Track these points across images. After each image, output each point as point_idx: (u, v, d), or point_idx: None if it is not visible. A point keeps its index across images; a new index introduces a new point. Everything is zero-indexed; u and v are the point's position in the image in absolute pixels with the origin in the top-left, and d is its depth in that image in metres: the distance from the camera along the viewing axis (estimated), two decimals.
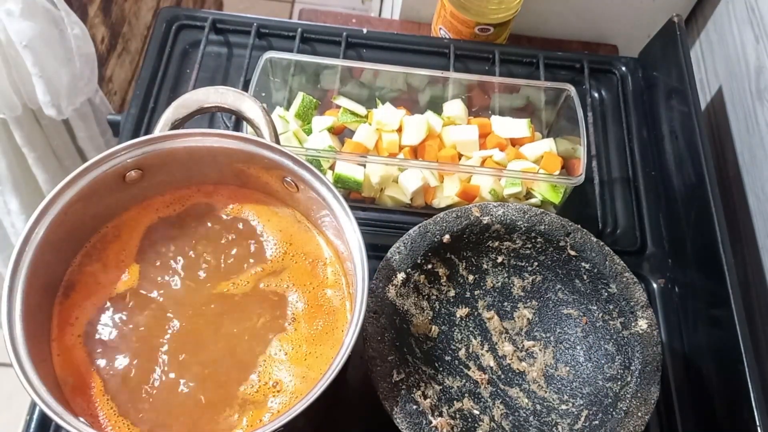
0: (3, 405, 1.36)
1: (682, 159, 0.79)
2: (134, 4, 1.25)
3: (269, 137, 0.58)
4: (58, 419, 0.45)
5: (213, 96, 0.59)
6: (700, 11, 0.97)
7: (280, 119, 0.79)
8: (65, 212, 0.52)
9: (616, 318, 0.63)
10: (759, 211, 0.77)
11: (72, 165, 1.09)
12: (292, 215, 0.61)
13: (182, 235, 0.59)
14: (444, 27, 0.91)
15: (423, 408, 0.56)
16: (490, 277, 0.68)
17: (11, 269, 0.49)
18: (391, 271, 0.62)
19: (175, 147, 0.56)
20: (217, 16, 0.88)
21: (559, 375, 0.65)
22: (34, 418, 0.63)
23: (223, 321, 0.56)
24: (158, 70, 0.84)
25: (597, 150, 0.84)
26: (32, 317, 0.50)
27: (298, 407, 0.46)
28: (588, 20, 1.00)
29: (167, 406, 0.52)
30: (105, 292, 0.56)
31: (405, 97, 0.82)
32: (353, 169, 0.74)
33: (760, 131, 0.78)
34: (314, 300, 0.57)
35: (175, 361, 0.53)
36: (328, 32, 0.89)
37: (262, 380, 0.53)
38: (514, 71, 0.89)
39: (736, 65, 0.85)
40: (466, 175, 0.76)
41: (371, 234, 0.75)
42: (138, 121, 0.80)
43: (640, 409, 0.58)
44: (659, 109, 0.86)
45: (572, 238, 0.65)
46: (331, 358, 0.53)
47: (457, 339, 0.66)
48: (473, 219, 0.66)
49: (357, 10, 1.72)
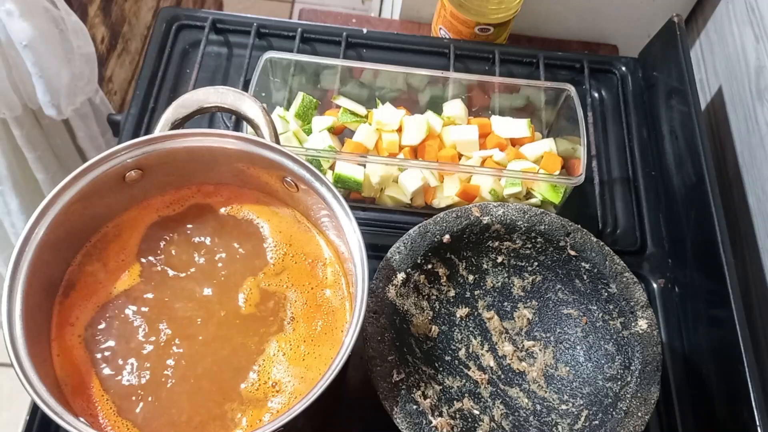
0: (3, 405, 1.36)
1: (682, 159, 0.79)
2: (134, 4, 1.25)
3: (269, 137, 0.58)
4: (58, 419, 0.45)
5: (213, 96, 0.59)
6: (700, 11, 0.97)
7: (280, 119, 0.79)
8: (65, 212, 0.52)
9: (616, 318, 0.63)
10: (759, 211, 0.77)
11: (72, 165, 1.09)
12: (292, 215, 0.61)
13: (182, 235, 0.59)
14: (444, 27, 0.91)
15: (423, 408, 0.56)
16: (490, 277, 0.68)
17: (11, 269, 0.49)
18: (391, 271, 0.62)
19: (175, 147, 0.56)
20: (217, 16, 0.88)
21: (559, 375, 0.65)
22: (35, 418, 0.64)
23: (223, 321, 0.56)
24: (158, 70, 0.84)
25: (597, 150, 0.84)
26: (32, 317, 0.50)
27: (298, 407, 0.46)
28: (588, 20, 1.00)
29: (167, 405, 0.52)
30: (105, 292, 0.56)
31: (405, 97, 0.82)
32: (353, 169, 0.74)
33: (760, 131, 0.78)
34: (313, 300, 0.57)
35: (175, 361, 0.53)
36: (328, 32, 0.89)
37: (261, 379, 0.53)
38: (514, 71, 0.89)
39: (736, 65, 0.85)
40: (466, 175, 0.76)
41: (371, 234, 0.75)
42: (138, 121, 0.80)
43: (640, 409, 0.58)
44: (659, 109, 0.86)
45: (572, 238, 0.65)
46: (330, 359, 0.53)
47: (457, 339, 0.66)
48: (473, 219, 0.66)
49: (357, 10, 1.72)
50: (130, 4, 1.23)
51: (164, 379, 0.53)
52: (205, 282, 0.57)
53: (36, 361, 0.47)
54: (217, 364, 0.54)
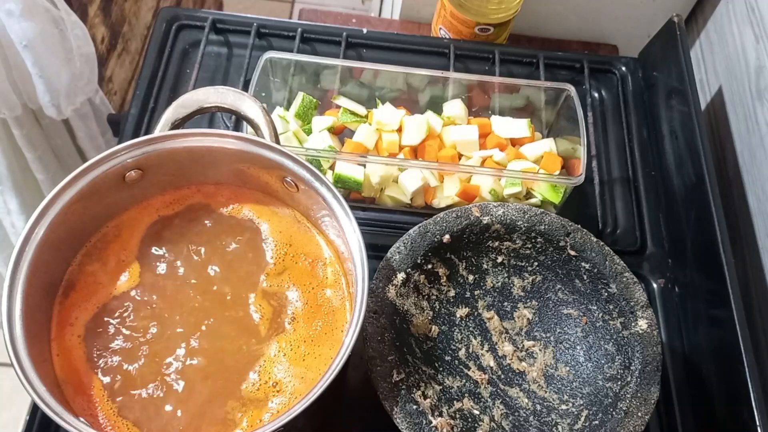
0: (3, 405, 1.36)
1: (682, 159, 0.79)
2: (134, 4, 1.25)
3: (269, 137, 0.58)
4: (58, 419, 0.45)
5: (213, 96, 0.59)
6: (700, 11, 0.97)
7: (280, 119, 0.79)
8: (65, 212, 0.52)
9: (616, 318, 0.63)
10: (759, 211, 0.77)
11: (72, 165, 1.09)
12: (292, 215, 0.61)
13: (182, 235, 0.59)
14: (444, 27, 0.91)
15: (423, 408, 0.56)
16: (490, 277, 0.68)
17: (11, 269, 0.49)
18: (391, 271, 0.62)
19: (175, 147, 0.56)
20: (217, 16, 0.88)
21: (559, 375, 0.65)
22: (35, 418, 0.64)
23: (223, 321, 0.56)
24: (158, 70, 0.84)
25: (597, 150, 0.84)
26: (32, 317, 0.50)
27: (297, 407, 0.46)
28: (588, 20, 1.00)
29: (167, 405, 0.52)
30: (105, 292, 0.56)
31: (405, 97, 0.82)
32: (353, 169, 0.74)
33: (760, 131, 0.78)
34: (314, 300, 0.57)
35: (175, 361, 0.53)
36: (328, 32, 0.89)
37: (262, 379, 0.53)
38: (514, 71, 0.89)
39: (736, 65, 0.85)
40: (466, 175, 0.76)
41: (371, 234, 0.75)
42: (138, 121, 0.80)
43: (640, 409, 0.58)
44: (659, 109, 0.86)
45: (572, 238, 0.65)
46: (330, 359, 0.53)
47: (457, 339, 0.66)
48: (473, 219, 0.66)
49: (357, 10, 1.72)
50: (130, 4, 1.23)
51: (164, 379, 0.53)
52: (206, 282, 0.57)
53: (36, 361, 0.47)
54: (218, 364, 0.54)
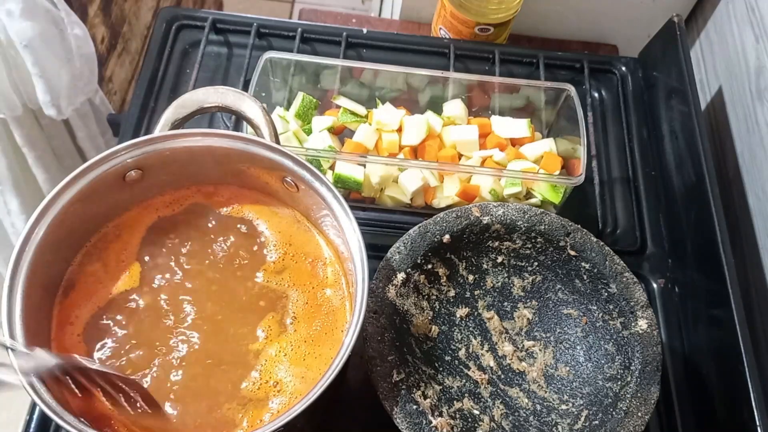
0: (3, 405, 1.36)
1: (682, 159, 0.79)
2: (134, 4, 1.25)
3: (269, 137, 0.58)
4: (58, 419, 0.45)
5: (213, 96, 0.59)
6: (700, 11, 0.97)
7: (280, 119, 0.79)
8: (65, 212, 0.52)
9: (616, 318, 0.63)
10: (759, 211, 0.77)
11: (72, 165, 1.09)
12: (292, 215, 0.61)
13: (182, 235, 0.59)
14: (444, 27, 0.91)
15: (423, 408, 0.56)
16: (490, 277, 0.68)
17: (11, 269, 0.49)
18: (391, 271, 0.62)
19: (175, 147, 0.56)
20: (217, 16, 0.88)
21: (559, 375, 0.65)
22: (34, 418, 0.64)
23: (223, 321, 0.56)
24: (158, 70, 0.84)
25: (597, 150, 0.84)
26: (32, 317, 0.50)
27: (297, 407, 0.46)
28: (588, 20, 1.00)
29: (167, 405, 0.52)
30: (105, 292, 0.56)
31: (405, 97, 0.82)
32: (353, 169, 0.74)
33: (760, 131, 0.78)
34: (314, 300, 0.57)
35: (175, 361, 0.53)
36: (328, 32, 0.89)
37: (263, 379, 0.53)
38: (514, 71, 0.89)
39: (736, 65, 0.85)
40: (466, 175, 0.76)
41: (371, 234, 0.75)
42: (138, 121, 0.80)
43: (640, 409, 0.58)
44: (659, 109, 0.86)
45: (572, 238, 0.65)
46: (330, 359, 0.53)
47: (457, 339, 0.66)
48: (473, 219, 0.66)
49: (357, 10, 1.72)
50: (130, 4, 1.23)
51: (164, 378, 0.53)
52: (206, 282, 0.57)
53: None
54: (218, 363, 0.54)
